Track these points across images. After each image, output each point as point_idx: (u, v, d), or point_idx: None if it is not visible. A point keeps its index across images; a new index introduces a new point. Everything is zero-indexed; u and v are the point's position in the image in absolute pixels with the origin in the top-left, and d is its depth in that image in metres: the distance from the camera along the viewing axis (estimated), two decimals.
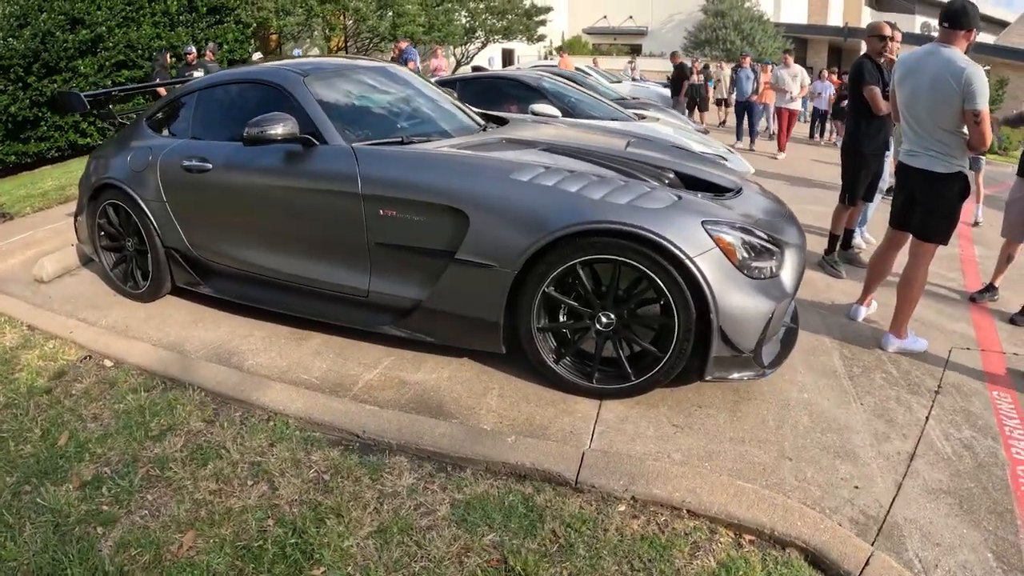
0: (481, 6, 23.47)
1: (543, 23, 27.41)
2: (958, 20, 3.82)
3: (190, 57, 10.43)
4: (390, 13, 18.60)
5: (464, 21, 22.93)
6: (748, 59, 14.80)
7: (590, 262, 2.86)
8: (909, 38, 18.96)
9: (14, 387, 3.92)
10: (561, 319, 3.05)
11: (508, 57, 31.49)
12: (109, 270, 5.08)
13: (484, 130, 4.21)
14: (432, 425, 2.89)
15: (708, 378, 2.96)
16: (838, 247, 6.07)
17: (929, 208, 4.01)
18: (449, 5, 21.59)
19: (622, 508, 2.45)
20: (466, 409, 3.12)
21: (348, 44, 19.77)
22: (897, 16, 39.66)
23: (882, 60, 5.52)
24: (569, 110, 7.81)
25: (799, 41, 36.76)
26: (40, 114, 15.00)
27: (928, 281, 4.30)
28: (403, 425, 2.91)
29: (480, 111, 4.86)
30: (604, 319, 2.95)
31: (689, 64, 16.84)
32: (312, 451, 2.89)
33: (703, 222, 2.81)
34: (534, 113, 7.00)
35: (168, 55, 10.28)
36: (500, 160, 3.16)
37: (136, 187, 4.34)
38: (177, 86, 5.47)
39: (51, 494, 2.81)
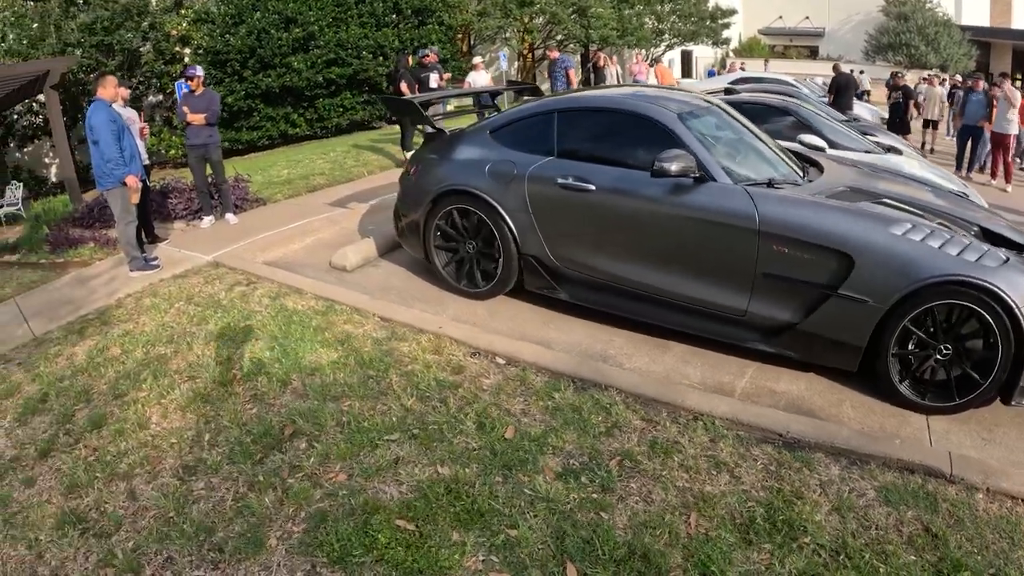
0: (667, 8, 22.96)
1: (727, 26, 26.51)
2: None
3: (427, 59, 10.53)
4: (585, 16, 18.45)
5: (651, 24, 22.48)
6: (981, 82, 13.17)
7: (942, 304, 3.39)
8: None
9: (418, 380, 3.74)
10: (909, 347, 3.53)
11: (687, 60, 30.68)
12: (441, 267, 5.11)
13: (806, 172, 4.55)
14: (836, 429, 3.37)
15: (1012, 403, 3.44)
16: None
17: None
18: (640, 8, 21.20)
19: (980, 496, 2.92)
20: (832, 417, 3.54)
21: (538, 47, 19.84)
22: None
23: None
24: (829, 140, 7.13)
25: (981, 46, 33.59)
26: (253, 105, 15.80)
27: None
28: (816, 427, 3.37)
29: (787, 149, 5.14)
30: (944, 349, 3.47)
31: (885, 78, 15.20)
32: (750, 447, 3.19)
33: None
34: (802, 143, 6.54)
35: (408, 56, 10.46)
36: (878, 213, 3.71)
37: (497, 197, 4.57)
38: (526, 105, 5.21)
39: (532, 484, 2.95)
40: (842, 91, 14.09)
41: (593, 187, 4.23)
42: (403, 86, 9.68)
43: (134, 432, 3.53)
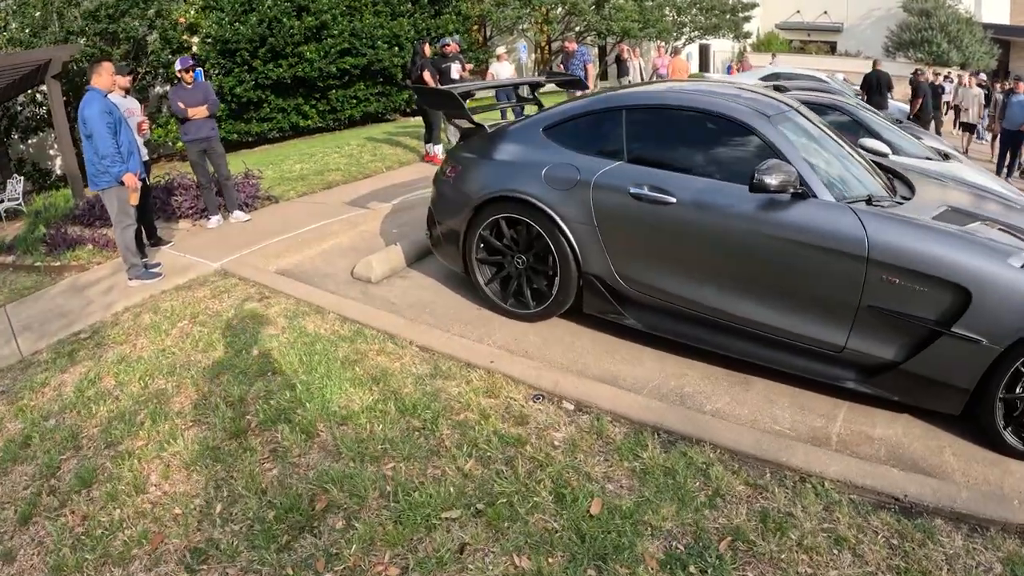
0: (687, 1, 22.11)
1: (748, 19, 25.63)
2: None
3: (448, 49, 9.74)
4: (606, 7, 17.61)
5: (672, 17, 21.64)
6: (1022, 83, 12.43)
7: None
8: None
9: (475, 434, 3.04)
10: (1017, 391, 3.15)
11: (704, 54, 29.84)
12: (484, 284, 4.44)
13: (894, 185, 4.07)
14: (955, 490, 2.93)
15: None
16: None
17: None
18: (661, 0, 20.40)
19: None
20: (935, 467, 3.14)
21: (555, 39, 19.01)
22: None
23: None
24: (888, 145, 6.43)
25: (1001, 44, 32.74)
26: (263, 96, 15.06)
27: None
28: (934, 489, 2.93)
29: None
30: None
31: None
32: (868, 516, 2.74)
33: None
34: (864, 148, 5.82)
35: (426, 45, 9.70)
36: (995, 242, 3.28)
37: (556, 206, 3.95)
38: (582, 98, 4.53)
39: None
40: (876, 89, 13.31)
41: (673, 199, 3.65)
42: (427, 75, 8.95)
43: (130, 497, 2.84)
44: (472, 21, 17.98)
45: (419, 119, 16.08)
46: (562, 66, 11.53)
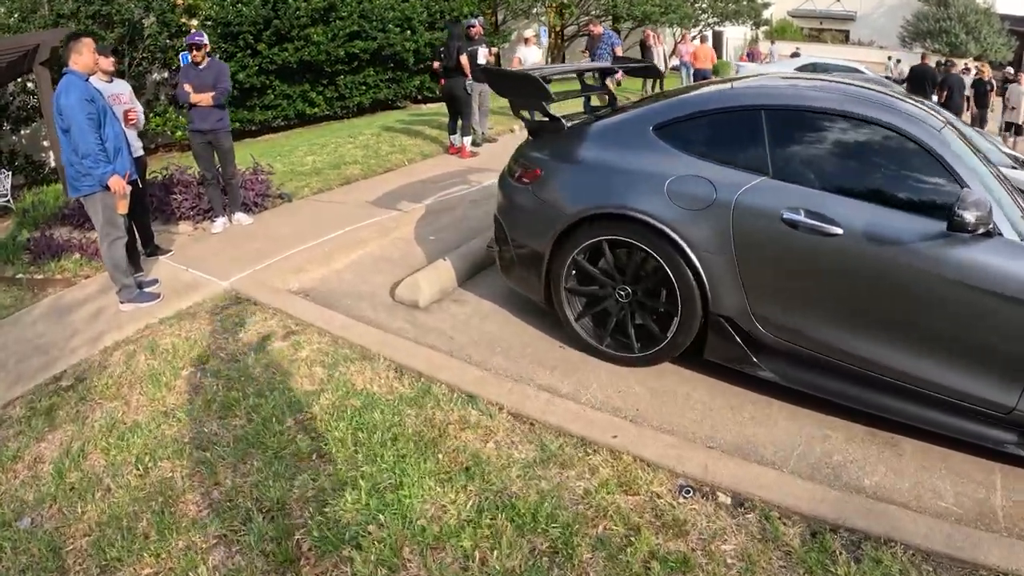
0: None
1: (767, 5, 24.55)
2: None
3: (474, 31, 8.66)
4: None
5: (691, 1, 20.56)
6: None
7: None
8: None
9: (626, 559, 2.13)
10: None
11: (717, 41, 28.89)
12: (573, 320, 3.49)
13: None
14: None
15: None
16: None
17: None
18: None
19: None
20: None
21: (569, 24, 17.93)
22: None
23: None
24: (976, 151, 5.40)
25: (1018, 36, 31.89)
26: (268, 82, 13.98)
27: None
28: None
29: None
30: None
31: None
32: None
33: None
34: None
35: (474, 27, 8.65)
36: None
37: (682, 229, 3.14)
38: (704, 93, 3.60)
39: None
40: (920, 83, 12.32)
41: (840, 230, 2.94)
42: (464, 60, 7.90)
43: None
44: (486, 4, 16.86)
45: (431, 106, 15.05)
46: (587, 51, 10.45)
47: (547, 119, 3.73)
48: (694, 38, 17.05)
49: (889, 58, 19.18)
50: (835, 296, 3.01)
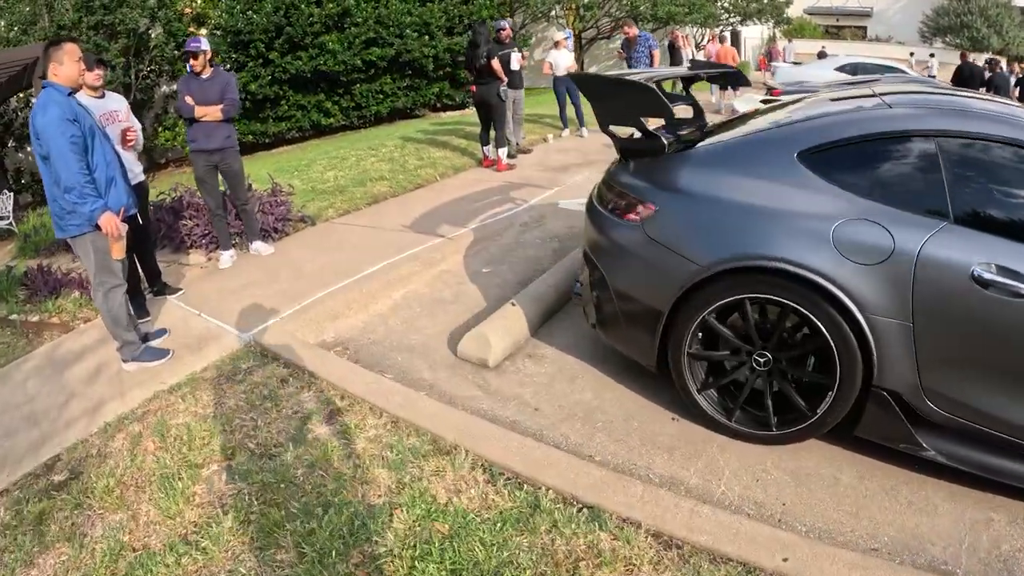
0: None
1: (788, 3, 23.82)
2: None
3: (504, 34, 7.90)
4: None
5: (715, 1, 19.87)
6: None
7: None
8: None
9: None
10: None
11: (735, 40, 28.27)
12: (695, 390, 2.76)
13: None
14: None
15: None
16: None
17: None
18: None
19: None
20: None
21: (589, 28, 17.18)
22: None
23: None
24: None
25: None
26: (281, 92, 13.27)
27: None
28: None
29: None
30: None
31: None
32: None
33: None
34: None
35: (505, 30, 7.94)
36: None
37: (851, 287, 2.54)
38: (857, 115, 2.80)
39: None
40: (968, 82, 11.59)
41: None
42: (496, 65, 7.13)
43: None
44: (505, 7, 16.12)
45: (452, 114, 14.29)
46: (623, 53, 9.67)
47: (645, 136, 2.95)
48: (722, 40, 16.33)
49: (932, 55, 18.43)
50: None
